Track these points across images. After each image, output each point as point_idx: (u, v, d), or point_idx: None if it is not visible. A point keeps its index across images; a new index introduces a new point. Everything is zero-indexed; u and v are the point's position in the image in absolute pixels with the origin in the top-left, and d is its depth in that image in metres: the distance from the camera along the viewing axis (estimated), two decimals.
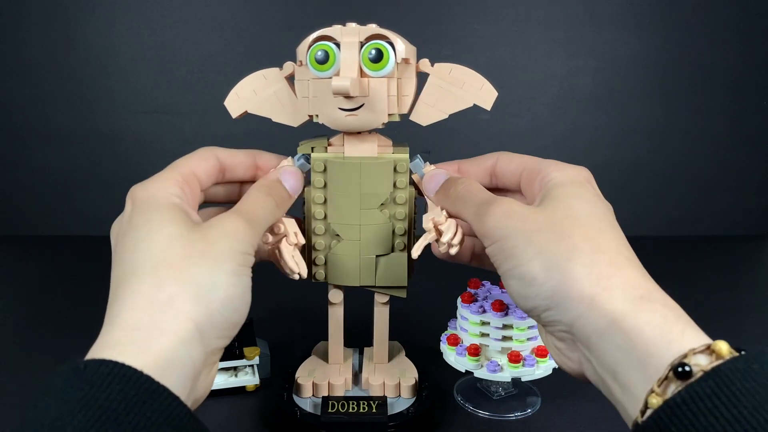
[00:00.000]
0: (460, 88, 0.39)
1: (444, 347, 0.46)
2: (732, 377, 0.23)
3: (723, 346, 0.24)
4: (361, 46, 0.37)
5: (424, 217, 0.40)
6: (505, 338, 0.44)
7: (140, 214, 0.31)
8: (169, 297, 0.28)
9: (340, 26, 0.37)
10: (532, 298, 0.30)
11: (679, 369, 0.24)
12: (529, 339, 0.44)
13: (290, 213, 0.40)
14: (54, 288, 0.71)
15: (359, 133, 0.39)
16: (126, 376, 0.24)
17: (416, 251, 0.39)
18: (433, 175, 0.39)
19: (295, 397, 0.43)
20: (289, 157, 0.40)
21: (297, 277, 0.38)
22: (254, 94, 0.40)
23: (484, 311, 0.44)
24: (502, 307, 0.44)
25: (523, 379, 0.44)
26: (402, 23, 0.38)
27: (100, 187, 0.88)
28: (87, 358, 0.26)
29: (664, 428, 0.23)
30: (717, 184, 0.94)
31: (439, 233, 0.38)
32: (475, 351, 0.44)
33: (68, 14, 0.85)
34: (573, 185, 0.33)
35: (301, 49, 0.38)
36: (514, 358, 0.43)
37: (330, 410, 0.41)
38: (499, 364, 0.43)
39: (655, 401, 0.24)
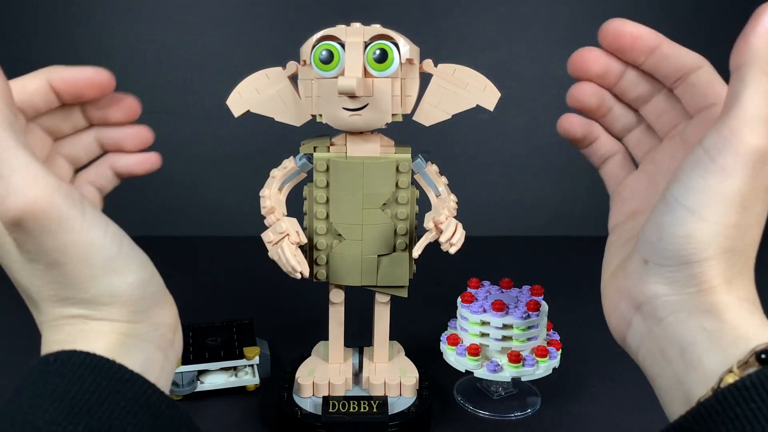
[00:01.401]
0: (463, 89, 0.39)
1: (444, 347, 0.46)
2: None
3: None
4: (366, 47, 0.37)
5: (426, 215, 0.40)
6: (505, 338, 0.44)
7: None
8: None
9: (344, 26, 0.37)
10: (670, 247, 0.26)
11: (763, 355, 0.24)
12: (529, 339, 0.44)
13: (291, 213, 0.40)
14: None
15: (362, 132, 0.39)
16: (98, 366, 0.24)
17: (417, 251, 0.39)
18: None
19: (295, 397, 0.43)
20: (291, 156, 0.40)
21: (299, 276, 0.38)
22: (257, 94, 0.40)
23: (484, 311, 0.44)
24: (502, 307, 0.44)
25: (523, 379, 0.44)
26: (402, 23, 0.38)
27: None
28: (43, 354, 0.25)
29: (741, 400, 0.23)
30: None
31: (440, 232, 0.38)
32: (475, 351, 0.44)
33: (68, 14, 0.85)
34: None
35: (305, 48, 0.38)
36: (514, 358, 0.43)
37: (331, 410, 0.41)
38: (499, 364, 0.44)
39: (732, 380, 0.24)
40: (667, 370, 0.27)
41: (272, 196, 0.39)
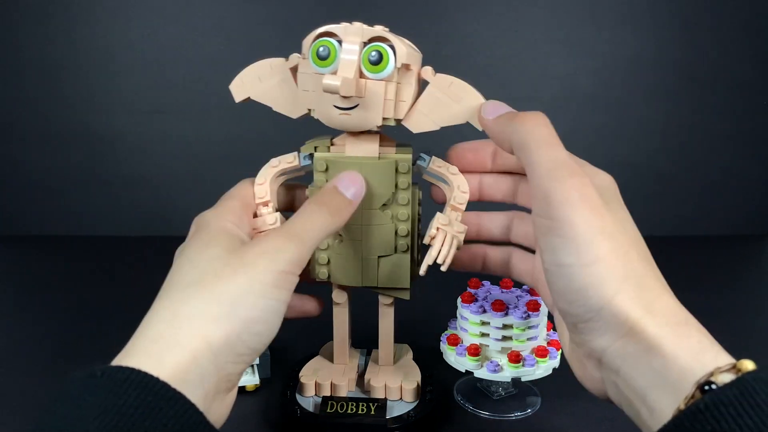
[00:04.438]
0: (456, 103, 0.38)
1: (444, 347, 0.46)
2: (756, 387, 0.23)
3: (749, 364, 0.24)
4: (363, 47, 0.37)
5: (430, 225, 0.40)
6: (505, 338, 0.44)
7: (195, 238, 0.32)
8: (190, 313, 0.28)
9: (346, 24, 0.37)
10: (579, 305, 0.29)
11: (705, 387, 0.24)
12: (529, 339, 0.44)
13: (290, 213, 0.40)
14: (54, 288, 0.70)
15: (362, 132, 0.39)
16: (143, 383, 0.24)
17: (422, 270, 0.39)
18: (493, 104, 0.36)
19: (297, 395, 0.43)
20: (295, 152, 0.40)
21: None
22: (259, 81, 0.40)
23: (484, 311, 0.44)
24: (502, 307, 0.44)
25: (523, 379, 0.44)
26: (402, 23, 0.38)
27: (100, 187, 0.88)
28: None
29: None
30: (717, 184, 0.94)
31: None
32: (475, 351, 0.44)
33: (68, 14, 0.85)
34: (614, 195, 0.32)
35: (306, 42, 0.38)
36: (514, 358, 0.43)
37: (329, 410, 0.41)
38: (499, 364, 0.43)
39: None
40: (640, 420, 0.28)
41: (267, 187, 0.39)
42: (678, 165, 0.93)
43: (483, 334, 0.44)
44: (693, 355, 0.26)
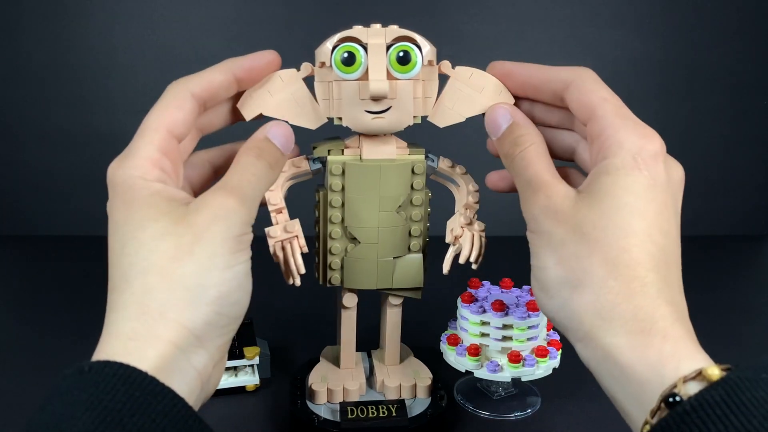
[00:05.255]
0: (479, 93, 0.38)
1: (444, 347, 0.46)
2: (741, 386, 0.23)
3: (714, 371, 0.24)
4: (387, 48, 0.36)
5: (447, 224, 0.40)
6: (505, 338, 0.44)
7: (122, 207, 0.29)
8: (160, 305, 0.27)
9: (362, 27, 0.37)
10: (543, 306, 0.31)
11: (670, 399, 0.24)
12: (529, 339, 0.44)
13: (293, 215, 0.39)
14: (54, 288, 0.70)
15: (377, 135, 0.39)
16: (131, 378, 0.24)
17: (446, 267, 0.40)
18: (496, 116, 0.36)
19: (309, 403, 0.43)
20: (303, 156, 0.40)
21: (297, 281, 0.37)
22: (269, 96, 0.38)
23: (484, 311, 0.44)
24: (502, 307, 0.44)
25: (523, 379, 0.44)
26: (401, 22, 0.38)
27: (100, 187, 0.87)
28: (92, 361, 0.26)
29: None
30: (717, 184, 0.94)
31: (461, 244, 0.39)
32: (475, 351, 0.44)
33: (68, 14, 0.85)
34: (625, 176, 0.29)
35: (323, 50, 0.37)
36: (514, 358, 0.43)
37: (350, 416, 0.41)
38: (499, 364, 0.43)
39: None
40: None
41: (280, 194, 0.38)
42: None
43: (483, 334, 0.44)
44: (650, 367, 0.25)
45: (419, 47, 0.37)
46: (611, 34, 0.88)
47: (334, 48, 0.36)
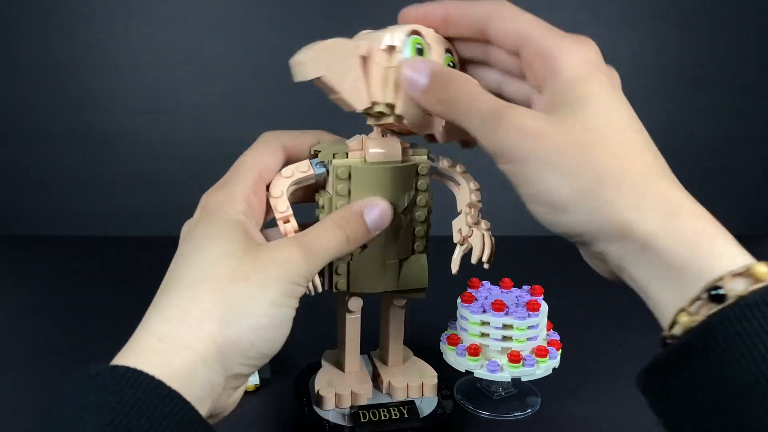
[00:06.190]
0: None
1: (444, 347, 0.46)
2: None
3: (762, 268, 0.24)
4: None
5: (454, 224, 0.40)
6: (505, 338, 0.44)
7: (203, 224, 0.32)
8: (202, 314, 0.28)
9: (408, 26, 0.36)
10: (563, 225, 0.29)
11: (713, 292, 0.24)
12: (529, 339, 0.44)
13: (299, 219, 0.39)
14: (54, 288, 0.70)
15: (383, 136, 0.39)
16: (138, 381, 0.25)
17: (454, 267, 0.40)
18: (413, 65, 0.33)
19: (317, 409, 0.43)
20: (306, 160, 0.38)
21: (313, 292, 0.37)
22: (334, 60, 0.34)
23: (484, 311, 0.44)
24: (502, 307, 0.44)
25: (523, 379, 0.44)
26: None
27: (100, 187, 0.88)
28: (112, 363, 0.26)
29: (706, 344, 0.23)
30: (717, 184, 0.94)
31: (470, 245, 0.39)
32: (475, 351, 0.44)
33: (68, 14, 0.85)
34: (587, 81, 0.30)
35: (395, 35, 0.35)
36: (514, 358, 0.43)
37: (362, 420, 0.41)
38: (499, 364, 0.43)
39: (686, 319, 0.24)
40: (650, 307, 0.28)
41: (286, 200, 0.37)
42: (676, 165, 0.93)
43: (483, 334, 0.44)
44: (687, 248, 0.25)
45: (454, 51, 0.37)
46: (611, 34, 0.88)
47: (408, 36, 0.35)
